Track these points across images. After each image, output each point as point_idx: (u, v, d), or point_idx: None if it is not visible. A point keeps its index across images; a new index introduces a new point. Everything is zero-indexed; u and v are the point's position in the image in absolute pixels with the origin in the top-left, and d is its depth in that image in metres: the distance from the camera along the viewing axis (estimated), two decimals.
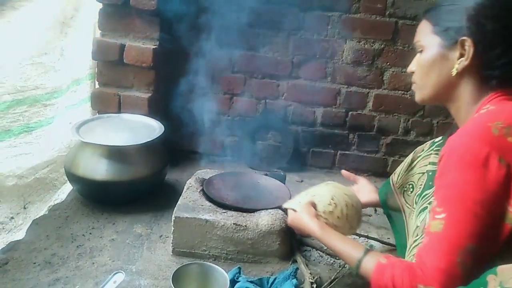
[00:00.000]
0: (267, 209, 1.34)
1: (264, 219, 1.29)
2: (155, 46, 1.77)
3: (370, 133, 2.10)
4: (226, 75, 2.01)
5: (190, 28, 1.84)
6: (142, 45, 1.76)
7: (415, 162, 1.14)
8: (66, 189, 1.68)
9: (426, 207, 0.97)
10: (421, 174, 1.09)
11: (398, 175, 1.21)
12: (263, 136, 2.11)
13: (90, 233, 1.39)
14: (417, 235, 0.96)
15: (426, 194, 0.99)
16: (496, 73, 0.85)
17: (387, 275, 0.81)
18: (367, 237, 1.46)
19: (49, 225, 1.40)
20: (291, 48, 1.98)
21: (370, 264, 0.87)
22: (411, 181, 1.15)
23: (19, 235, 1.42)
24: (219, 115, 2.06)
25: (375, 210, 1.63)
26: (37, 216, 1.49)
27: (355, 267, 0.90)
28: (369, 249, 0.92)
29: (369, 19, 1.94)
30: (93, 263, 1.24)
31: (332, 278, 1.23)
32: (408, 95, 2.05)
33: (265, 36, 1.96)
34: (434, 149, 1.08)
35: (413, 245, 0.97)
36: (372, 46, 1.98)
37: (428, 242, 0.77)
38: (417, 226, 0.97)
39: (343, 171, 1.40)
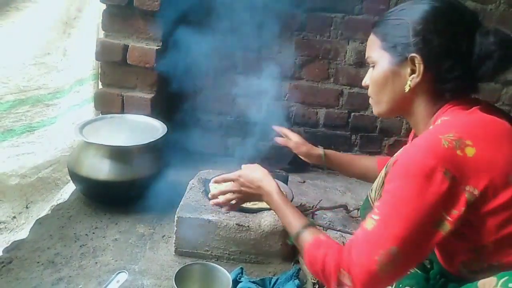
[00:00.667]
0: (269, 209, 1.34)
1: (267, 220, 1.29)
2: (158, 47, 1.78)
3: (373, 134, 2.10)
4: (229, 75, 2.02)
5: (193, 29, 1.85)
6: (145, 46, 1.77)
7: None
8: (69, 188, 1.68)
9: None
10: None
11: (375, 191, 1.18)
12: (266, 136, 2.11)
13: (93, 233, 1.39)
14: None
15: None
16: (448, 86, 0.85)
17: (322, 250, 0.84)
18: None
19: (52, 225, 1.41)
20: (294, 49, 1.98)
21: (309, 236, 0.90)
22: None
23: (21, 234, 1.43)
24: (222, 115, 2.07)
25: None
26: (40, 216, 1.49)
27: (295, 234, 0.93)
28: (313, 224, 0.96)
29: (372, 20, 1.94)
30: (96, 262, 1.25)
31: None
32: None
33: (268, 37, 1.96)
34: None
35: None
36: None
37: (359, 234, 0.80)
38: None
39: (275, 127, 1.40)
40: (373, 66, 0.93)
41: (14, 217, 1.51)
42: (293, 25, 1.95)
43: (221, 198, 1.14)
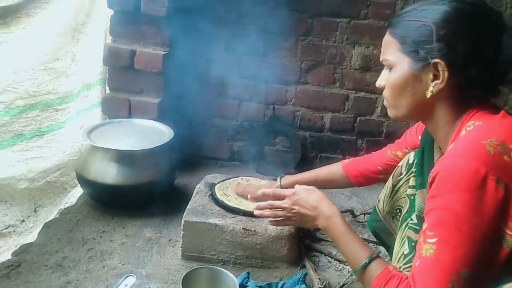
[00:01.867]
0: None
1: None
2: (165, 52, 1.80)
3: (379, 138, 2.10)
4: (235, 80, 2.03)
5: (199, 34, 1.86)
6: (152, 51, 1.79)
7: (397, 186, 1.11)
8: (76, 192, 1.70)
9: (406, 235, 0.96)
10: (406, 197, 1.05)
11: (384, 202, 1.17)
12: (271, 141, 2.11)
13: (101, 237, 1.40)
14: (400, 261, 0.96)
15: (410, 222, 0.97)
16: (474, 93, 0.82)
17: (393, 283, 0.79)
18: (376, 243, 1.45)
19: (60, 228, 1.42)
20: (299, 53, 1.99)
21: (378, 269, 0.85)
22: (398, 206, 1.12)
23: (30, 238, 1.45)
24: (228, 120, 2.07)
25: None
26: (48, 219, 1.51)
27: (361, 266, 0.88)
28: (378, 255, 0.91)
29: (378, 24, 1.95)
30: (104, 266, 1.25)
31: (341, 284, 1.23)
32: None
33: (274, 41, 1.97)
34: (413, 171, 1.04)
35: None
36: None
37: (420, 265, 0.74)
38: (403, 253, 0.95)
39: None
40: (390, 69, 0.88)
41: (23, 220, 1.53)
42: (299, 29, 1.95)
43: (268, 212, 1.11)
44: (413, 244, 0.93)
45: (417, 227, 0.94)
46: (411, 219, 0.97)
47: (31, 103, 1.50)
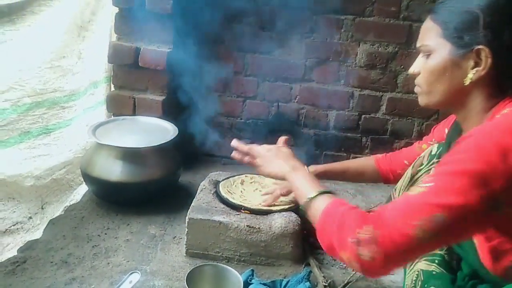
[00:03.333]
0: (280, 211, 1.34)
1: (278, 222, 1.29)
2: (170, 50, 1.80)
3: (384, 136, 2.09)
4: (239, 78, 2.02)
5: (204, 32, 1.86)
6: (157, 49, 1.79)
7: (416, 176, 1.09)
8: (82, 190, 1.71)
9: None
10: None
11: (400, 190, 1.16)
12: (276, 139, 2.11)
13: (105, 234, 1.41)
14: None
15: None
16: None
17: (343, 207, 0.79)
18: None
19: (65, 225, 1.43)
20: (304, 51, 1.98)
21: (328, 199, 0.85)
22: None
23: (37, 234, 1.45)
24: (232, 118, 2.07)
25: None
26: (54, 216, 1.52)
27: (308, 199, 0.88)
28: (333, 191, 0.90)
29: (383, 22, 1.93)
30: (108, 263, 1.26)
31: (346, 281, 1.23)
32: None
33: (278, 39, 1.96)
34: (435, 162, 1.03)
35: (415, 262, 0.97)
36: (386, 49, 1.97)
37: (398, 199, 0.74)
38: None
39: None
40: (428, 55, 0.88)
41: (30, 217, 1.54)
42: (303, 27, 1.95)
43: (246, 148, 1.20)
44: None
45: None
46: None
47: (38, 100, 1.51)
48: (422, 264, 0.98)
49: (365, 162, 1.36)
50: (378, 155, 1.36)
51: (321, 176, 1.32)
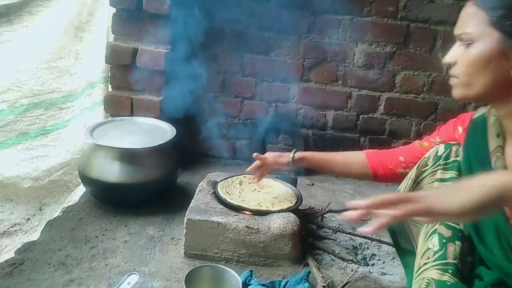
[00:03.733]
0: (279, 212, 1.34)
1: (276, 222, 1.29)
2: (167, 50, 1.79)
3: (382, 136, 2.09)
4: (237, 78, 2.02)
5: (201, 32, 1.86)
6: (154, 49, 1.78)
7: (421, 178, 1.04)
8: (80, 191, 1.70)
9: (436, 229, 0.92)
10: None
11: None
12: (274, 139, 2.11)
13: (103, 235, 1.40)
14: (428, 258, 0.91)
15: None
16: None
17: None
18: (380, 241, 1.45)
19: (63, 227, 1.42)
20: (302, 51, 1.98)
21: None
22: None
23: (35, 236, 1.45)
24: (230, 118, 2.07)
25: None
26: (51, 218, 1.51)
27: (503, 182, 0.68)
28: None
29: (381, 22, 1.94)
30: (106, 264, 1.26)
31: (345, 282, 1.23)
32: (420, 99, 2.03)
33: (276, 39, 1.96)
34: (441, 164, 0.98)
35: (423, 268, 0.91)
36: (384, 49, 1.97)
37: None
38: (428, 248, 0.92)
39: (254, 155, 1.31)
40: (469, 44, 0.81)
41: (28, 219, 1.53)
42: (301, 27, 1.95)
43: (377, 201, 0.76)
44: (444, 241, 0.89)
45: (450, 223, 0.90)
46: None
47: (35, 101, 1.50)
48: (433, 273, 0.90)
49: (354, 154, 1.27)
50: (369, 150, 1.29)
51: (305, 162, 1.27)
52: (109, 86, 1.89)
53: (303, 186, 1.88)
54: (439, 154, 1.00)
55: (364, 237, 1.45)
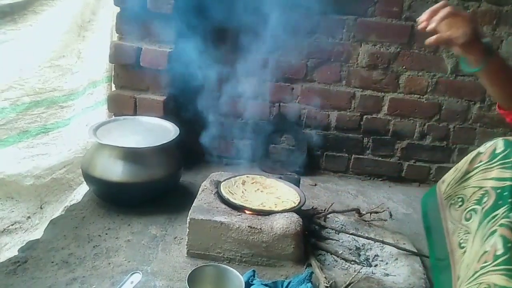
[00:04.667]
0: (282, 212, 1.33)
1: (279, 222, 1.29)
2: (171, 50, 1.79)
3: (385, 137, 2.09)
4: (241, 78, 2.02)
5: (204, 32, 1.86)
6: (158, 49, 1.78)
7: (471, 174, 0.98)
8: (82, 189, 1.70)
9: (496, 230, 0.86)
10: (477, 189, 0.95)
11: (448, 184, 1.05)
12: (277, 139, 2.11)
13: (106, 234, 1.40)
14: (486, 262, 0.85)
15: (496, 215, 0.86)
16: None
17: None
18: (383, 242, 1.44)
19: (66, 225, 1.42)
20: (306, 51, 1.98)
21: None
22: (461, 194, 1.01)
23: (36, 234, 1.45)
24: (233, 118, 2.07)
25: (390, 215, 1.61)
26: (54, 216, 1.51)
27: None
28: None
29: (385, 22, 1.93)
30: (109, 263, 1.25)
31: (348, 282, 1.22)
32: (424, 99, 2.02)
33: (279, 39, 1.96)
34: (499, 162, 0.92)
35: (480, 272, 0.86)
36: (388, 49, 1.97)
37: None
38: (485, 251, 0.86)
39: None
40: None
41: (29, 217, 1.53)
42: (305, 27, 1.94)
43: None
44: (509, 244, 0.83)
45: None
46: (509, 217, 0.85)
47: (37, 100, 1.50)
48: (495, 278, 0.83)
49: None
50: None
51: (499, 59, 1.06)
52: (113, 85, 1.90)
53: (306, 186, 1.88)
54: (496, 151, 0.94)
55: (367, 238, 1.45)
